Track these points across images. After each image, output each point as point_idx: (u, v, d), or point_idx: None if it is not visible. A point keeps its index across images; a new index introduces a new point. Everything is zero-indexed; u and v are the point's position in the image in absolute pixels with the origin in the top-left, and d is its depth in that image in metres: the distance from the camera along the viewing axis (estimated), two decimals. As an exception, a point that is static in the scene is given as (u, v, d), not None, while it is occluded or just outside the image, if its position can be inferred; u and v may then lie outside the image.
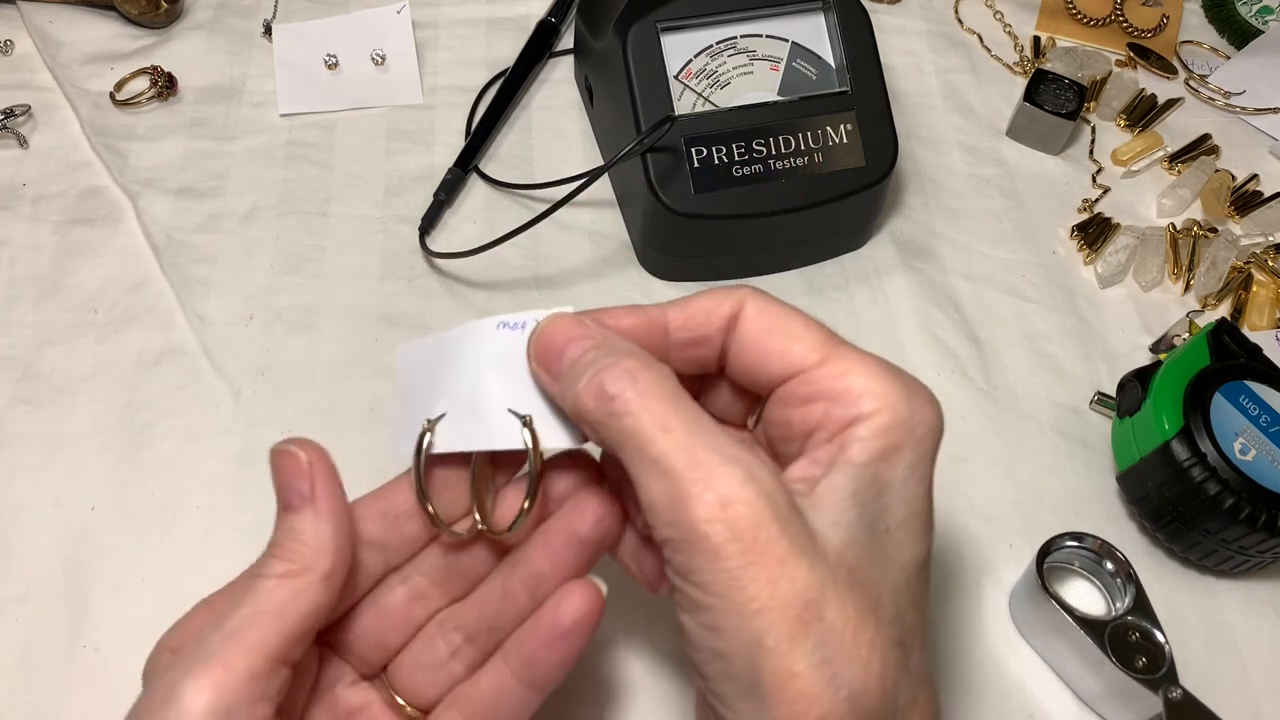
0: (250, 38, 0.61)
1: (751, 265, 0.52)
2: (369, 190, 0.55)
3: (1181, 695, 0.37)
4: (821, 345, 0.29)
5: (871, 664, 0.26)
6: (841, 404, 0.28)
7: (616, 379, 0.27)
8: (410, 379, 0.33)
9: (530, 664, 0.30)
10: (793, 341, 0.29)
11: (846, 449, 0.28)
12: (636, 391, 0.27)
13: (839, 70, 0.51)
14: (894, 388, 0.28)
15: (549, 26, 0.61)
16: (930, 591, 0.29)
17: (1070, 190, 0.58)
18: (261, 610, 0.28)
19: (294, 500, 0.29)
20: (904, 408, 0.28)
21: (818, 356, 0.29)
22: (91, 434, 0.45)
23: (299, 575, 0.28)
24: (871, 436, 0.28)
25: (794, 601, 0.25)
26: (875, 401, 0.28)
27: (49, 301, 0.49)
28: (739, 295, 0.30)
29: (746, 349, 0.30)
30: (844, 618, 0.26)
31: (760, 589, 0.25)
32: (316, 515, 0.29)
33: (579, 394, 0.28)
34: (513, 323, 0.31)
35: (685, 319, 0.31)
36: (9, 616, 0.40)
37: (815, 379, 0.29)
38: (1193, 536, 0.42)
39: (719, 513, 0.25)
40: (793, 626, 0.25)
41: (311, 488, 0.29)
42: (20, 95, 0.57)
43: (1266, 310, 0.53)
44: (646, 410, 0.27)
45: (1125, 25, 0.66)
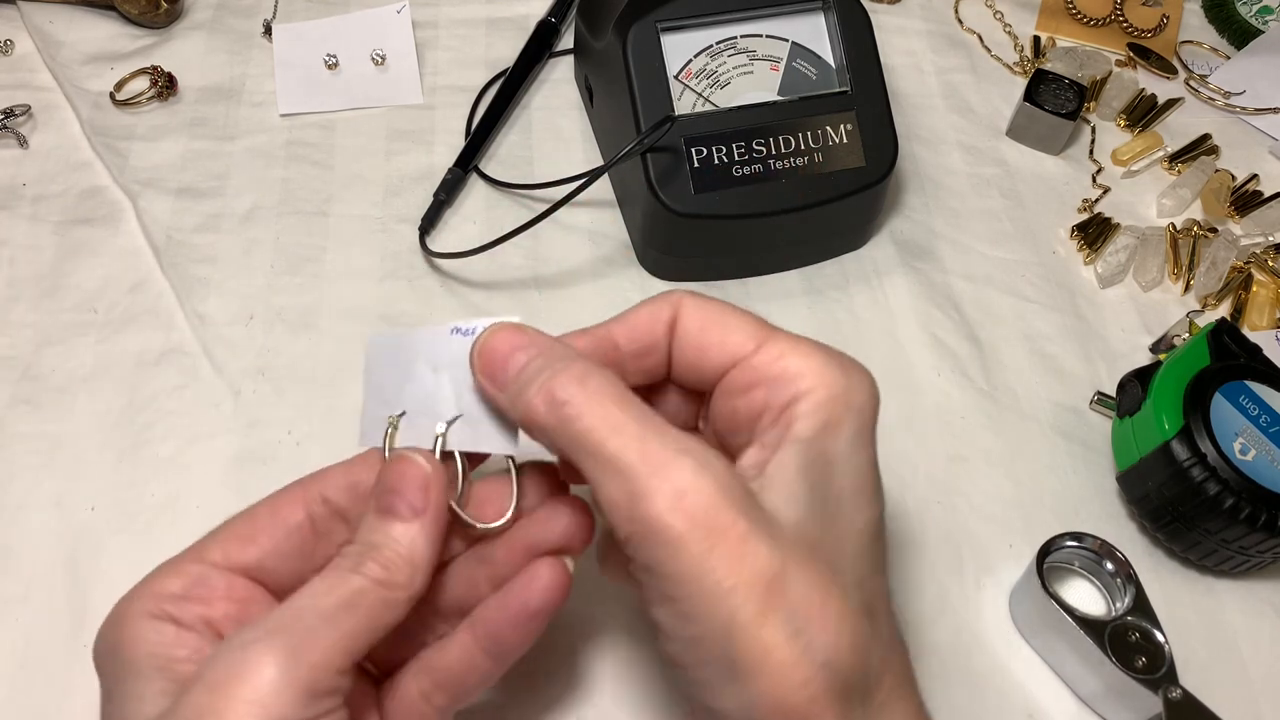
0: (250, 38, 0.61)
1: (751, 265, 0.52)
2: (369, 190, 0.55)
3: (1181, 695, 0.37)
4: (756, 333, 0.30)
5: (842, 631, 0.27)
6: (780, 385, 0.29)
7: (565, 384, 0.28)
8: (377, 371, 0.34)
9: (497, 639, 0.31)
10: (729, 332, 0.31)
11: (791, 427, 0.29)
12: (586, 395, 0.28)
13: (839, 70, 0.51)
14: (828, 365, 0.30)
15: (549, 26, 0.61)
16: (886, 556, 0.31)
17: (1070, 190, 0.58)
18: (358, 607, 0.28)
19: (402, 510, 0.30)
20: (840, 382, 0.30)
21: (753, 344, 0.30)
22: (91, 434, 0.45)
23: (397, 588, 0.29)
24: (812, 412, 0.29)
25: (760, 578, 0.26)
26: (811, 379, 0.29)
27: (49, 301, 0.49)
28: (674, 298, 0.32)
29: (687, 346, 0.31)
30: (809, 589, 0.26)
31: (726, 571, 0.26)
32: (425, 534, 0.29)
33: (530, 402, 0.28)
34: (465, 328, 0.31)
35: (630, 331, 0.32)
36: (9, 616, 0.40)
37: (753, 365, 0.30)
38: (1193, 536, 0.42)
39: (676, 503, 0.26)
40: (762, 602, 0.26)
41: (426, 503, 0.30)
42: (20, 95, 0.57)
43: (1266, 310, 0.53)
44: (597, 412, 0.28)
45: (1125, 25, 0.66)
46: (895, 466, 0.46)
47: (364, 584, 0.28)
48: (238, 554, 0.30)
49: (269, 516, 0.31)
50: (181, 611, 0.29)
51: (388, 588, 0.29)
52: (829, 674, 0.26)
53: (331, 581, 0.29)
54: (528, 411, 0.29)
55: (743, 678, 0.26)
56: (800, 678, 0.26)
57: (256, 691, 0.26)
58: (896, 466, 0.46)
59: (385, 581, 0.29)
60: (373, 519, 0.30)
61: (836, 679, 0.26)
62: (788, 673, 0.26)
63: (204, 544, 0.31)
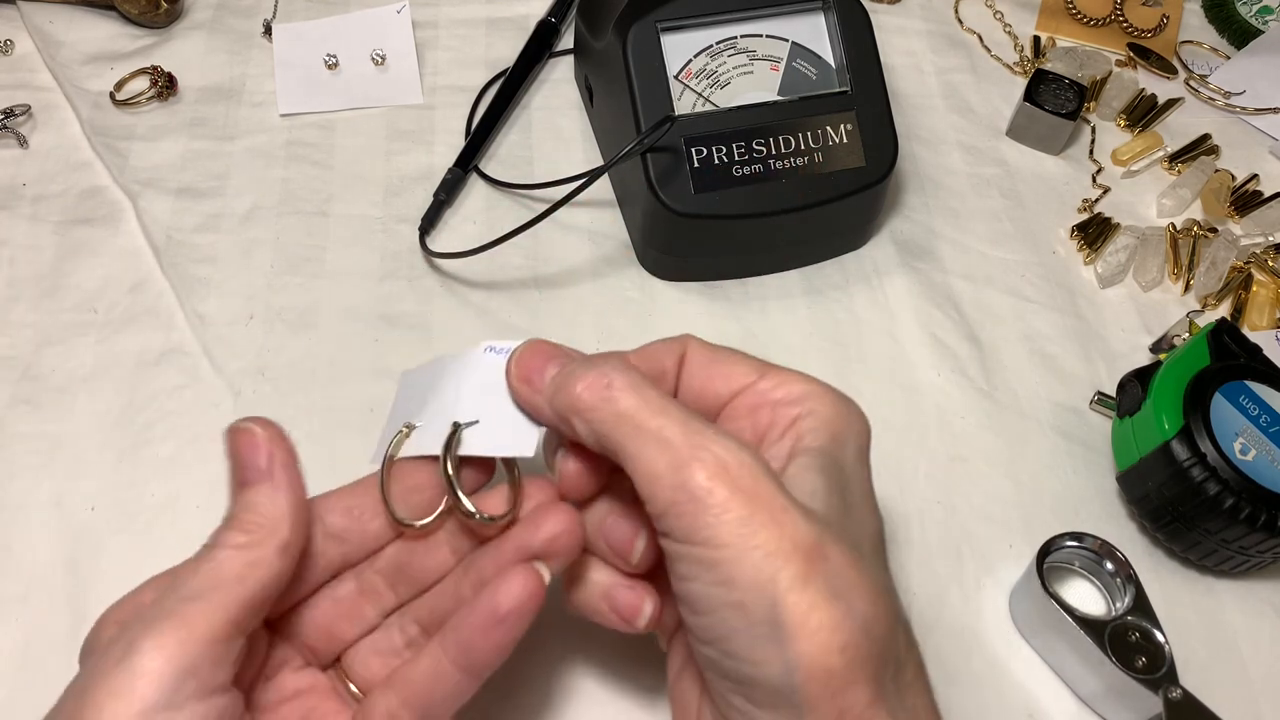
0: (250, 38, 0.61)
1: (751, 265, 0.52)
2: (369, 190, 0.55)
3: (1181, 695, 0.37)
4: (758, 367, 0.33)
5: (875, 601, 0.28)
6: (786, 405, 0.32)
7: (609, 372, 0.30)
8: (403, 400, 0.35)
9: (466, 649, 0.30)
10: (734, 365, 0.34)
11: (801, 439, 0.31)
12: (629, 381, 0.30)
13: (839, 70, 0.51)
14: (825, 390, 0.32)
15: (549, 26, 0.61)
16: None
17: (1070, 190, 0.58)
18: (222, 577, 0.29)
19: (251, 475, 0.31)
20: (840, 404, 0.32)
21: (756, 374, 0.33)
22: (91, 434, 0.45)
23: (258, 545, 0.30)
24: (820, 426, 0.31)
25: (800, 545, 0.27)
26: (814, 401, 0.32)
27: (49, 301, 0.49)
28: (684, 337, 0.35)
29: (696, 377, 0.34)
30: (845, 562, 0.28)
31: (768, 535, 0.27)
32: (274, 488, 0.31)
33: (574, 391, 0.30)
34: (499, 347, 0.34)
35: (645, 359, 0.34)
36: (9, 616, 0.40)
37: (758, 391, 0.33)
38: (1193, 536, 0.42)
39: (720, 471, 0.28)
40: (804, 566, 0.27)
41: (269, 463, 0.31)
42: (20, 95, 0.57)
43: (1266, 310, 0.53)
44: (641, 394, 0.30)
45: (1125, 25, 0.66)
46: (895, 466, 0.46)
47: (226, 552, 0.29)
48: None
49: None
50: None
51: (252, 546, 0.29)
52: (869, 641, 0.27)
53: (197, 564, 0.29)
54: (571, 400, 0.30)
55: (784, 639, 0.27)
56: (841, 640, 0.27)
57: (138, 679, 0.26)
58: (896, 466, 0.46)
59: (247, 543, 0.30)
60: (232, 496, 0.31)
61: (875, 646, 0.27)
62: (830, 634, 0.27)
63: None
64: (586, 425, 0.30)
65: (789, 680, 0.27)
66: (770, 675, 0.27)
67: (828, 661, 0.26)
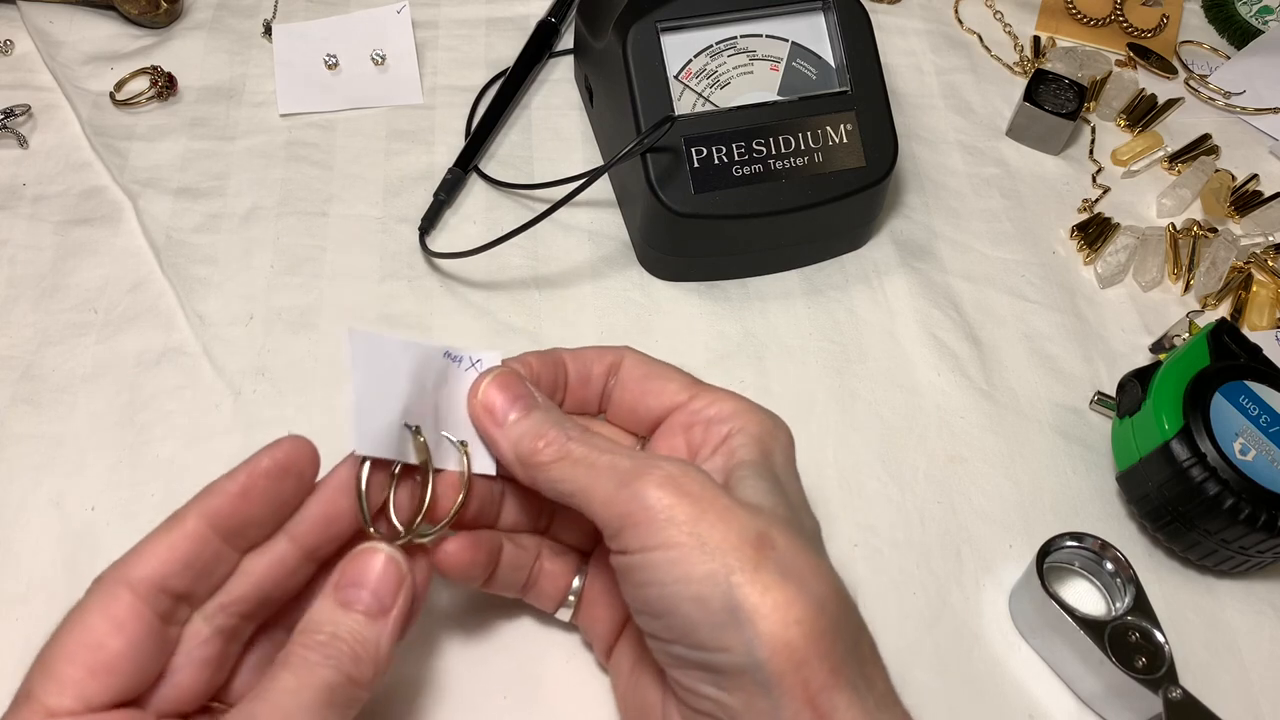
0: (250, 38, 0.61)
1: (751, 265, 0.52)
2: (369, 190, 0.55)
3: (1181, 695, 0.37)
4: (690, 385, 0.36)
5: (824, 580, 0.30)
6: (717, 423, 0.34)
7: (565, 429, 0.33)
8: (367, 370, 0.33)
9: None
10: (667, 383, 0.36)
11: (734, 454, 0.33)
12: (580, 433, 0.33)
13: (839, 70, 0.51)
14: (753, 408, 0.35)
15: (549, 26, 0.61)
16: None
17: (1070, 190, 0.58)
18: (337, 704, 0.28)
19: (374, 607, 0.30)
20: (766, 421, 0.35)
21: (688, 394, 0.35)
22: (91, 434, 0.45)
23: (362, 686, 0.29)
24: (749, 443, 0.34)
25: (748, 536, 0.29)
26: (743, 418, 0.34)
27: (49, 301, 0.49)
28: (620, 350, 0.37)
29: (628, 392, 0.36)
30: (792, 548, 0.30)
31: (717, 533, 0.29)
32: (391, 633, 0.30)
33: (536, 447, 0.32)
34: (456, 355, 0.35)
35: (576, 360, 0.37)
36: (9, 616, 0.40)
37: (690, 410, 0.35)
38: (1193, 536, 0.42)
39: (667, 481, 0.30)
40: (754, 554, 0.29)
41: (394, 602, 0.31)
42: (20, 95, 0.57)
43: (1266, 310, 0.53)
44: (589, 442, 0.32)
45: (1125, 25, 0.66)
46: (895, 466, 0.46)
47: (338, 679, 0.29)
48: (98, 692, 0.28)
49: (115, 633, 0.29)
50: None
51: (356, 685, 0.29)
52: (824, 615, 0.29)
53: (305, 676, 0.28)
54: (533, 450, 0.32)
55: (744, 621, 0.28)
56: (797, 614, 0.28)
57: None
58: (896, 466, 0.46)
59: (356, 678, 0.29)
60: (334, 609, 0.30)
61: (830, 620, 0.29)
62: (787, 607, 0.28)
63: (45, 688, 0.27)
64: (547, 474, 0.32)
65: (753, 659, 0.28)
66: (736, 659, 0.28)
67: (787, 636, 0.28)
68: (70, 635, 0.28)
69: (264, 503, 0.31)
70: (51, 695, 0.27)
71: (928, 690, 0.40)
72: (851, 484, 0.46)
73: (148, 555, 0.30)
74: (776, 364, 0.49)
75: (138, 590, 0.29)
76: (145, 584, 0.29)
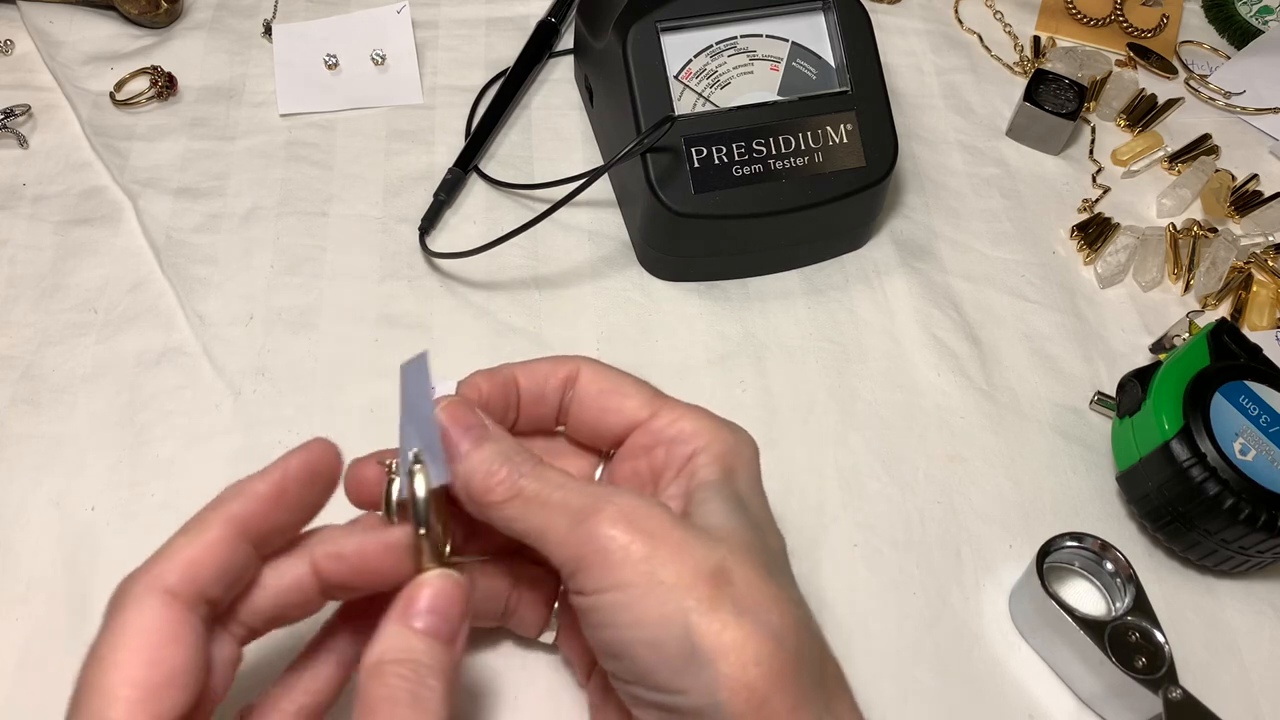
0: (250, 38, 0.61)
1: (751, 265, 0.52)
2: (369, 190, 0.55)
3: (1181, 695, 0.37)
4: (651, 400, 0.34)
5: (785, 613, 0.29)
6: (680, 443, 0.33)
7: (520, 464, 0.31)
8: (407, 395, 0.33)
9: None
10: (626, 399, 0.34)
11: (696, 475, 0.32)
12: (533, 469, 0.31)
13: (839, 70, 0.51)
14: (716, 425, 0.34)
15: (549, 26, 0.61)
16: None
17: (1070, 190, 0.58)
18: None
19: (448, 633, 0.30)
20: (729, 437, 0.33)
21: (650, 410, 0.34)
22: (91, 434, 0.45)
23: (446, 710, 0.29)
24: (712, 462, 0.33)
25: (703, 573, 0.29)
26: (706, 436, 0.33)
27: (49, 301, 0.49)
28: (576, 360, 0.35)
29: (586, 408, 0.35)
30: (748, 580, 0.29)
31: (670, 570, 0.29)
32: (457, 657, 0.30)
33: (488, 485, 0.31)
34: (412, 368, 0.33)
35: (529, 376, 0.35)
36: (9, 616, 0.40)
37: (652, 429, 0.34)
38: (1193, 536, 0.42)
39: (620, 518, 0.29)
40: (709, 592, 0.28)
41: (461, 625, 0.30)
42: (20, 95, 0.57)
43: (1266, 310, 0.53)
44: (543, 478, 0.31)
45: (1125, 25, 0.66)
46: (895, 466, 0.46)
47: (441, 711, 0.28)
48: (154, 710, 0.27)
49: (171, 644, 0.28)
50: None
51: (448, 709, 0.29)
52: (783, 651, 0.28)
53: (407, 710, 0.27)
54: (485, 489, 0.31)
55: (702, 663, 0.28)
56: (754, 653, 0.28)
57: None
58: (896, 466, 0.46)
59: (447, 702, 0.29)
60: (414, 639, 0.29)
61: (789, 655, 0.28)
62: (743, 649, 0.28)
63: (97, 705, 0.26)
64: (500, 513, 0.31)
65: (713, 700, 0.28)
66: (695, 701, 0.28)
67: (746, 677, 0.28)
68: (120, 652, 0.26)
69: (294, 507, 0.31)
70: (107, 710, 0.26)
71: (928, 690, 0.40)
72: (851, 484, 0.46)
73: (181, 561, 0.28)
74: (776, 364, 0.49)
75: (181, 598, 0.27)
76: (188, 591, 0.27)
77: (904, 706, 0.40)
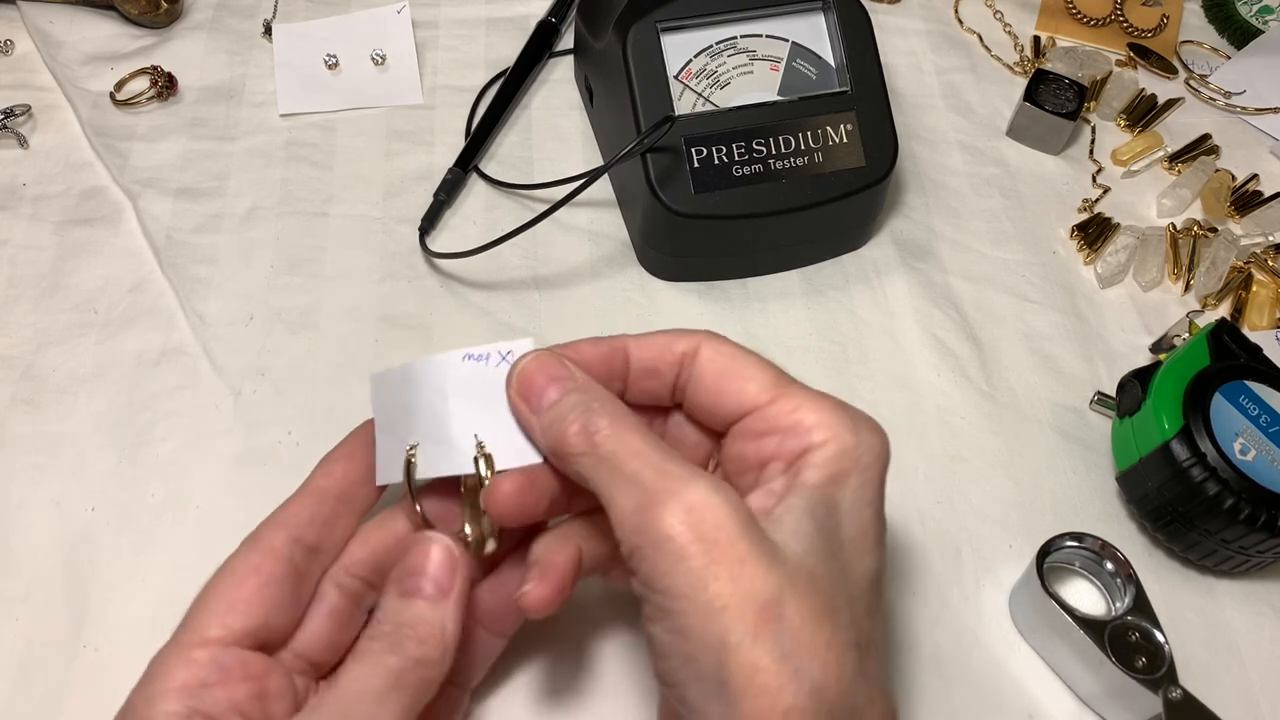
0: (250, 38, 0.61)
1: (751, 265, 0.52)
2: (369, 190, 0.55)
3: (1181, 695, 0.37)
4: (773, 385, 0.32)
5: (829, 662, 0.27)
6: (794, 436, 0.31)
7: (598, 416, 0.30)
8: (384, 407, 0.34)
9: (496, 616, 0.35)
10: (747, 381, 0.32)
11: (800, 475, 0.30)
12: (615, 427, 0.30)
13: (839, 70, 0.51)
14: (840, 420, 0.31)
15: (549, 26, 0.61)
16: (883, 604, 0.31)
17: (1070, 190, 0.58)
18: (403, 688, 0.29)
19: (432, 591, 0.31)
20: (850, 438, 0.30)
21: (769, 395, 0.31)
22: (91, 434, 0.45)
23: (433, 665, 0.30)
24: (822, 464, 0.30)
25: (754, 600, 0.27)
26: (824, 433, 0.30)
27: (49, 301, 0.49)
28: (698, 336, 0.33)
29: (704, 388, 0.33)
30: (802, 618, 0.27)
31: (722, 587, 0.27)
32: (454, 614, 0.31)
33: (565, 429, 0.30)
34: (478, 354, 0.33)
35: (643, 349, 0.33)
36: (9, 616, 0.40)
37: (768, 415, 0.31)
38: (1193, 536, 0.42)
39: (684, 515, 0.27)
40: (755, 624, 0.26)
41: (453, 583, 0.31)
42: (20, 95, 0.57)
43: (1266, 310, 0.53)
44: (623, 439, 0.29)
45: (1125, 25, 0.66)
46: (895, 466, 0.46)
47: (404, 664, 0.29)
48: (239, 624, 0.30)
49: (253, 575, 0.31)
50: (208, 703, 0.29)
51: (425, 665, 0.30)
52: (814, 701, 0.26)
53: (370, 666, 0.29)
54: (561, 437, 0.30)
55: (730, 698, 0.26)
56: (785, 704, 0.26)
57: None
58: (896, 466, 0.46)
59: (423, 660, 0.30)
60: (396, 600, 0.31)
61: (822, 707, 0.26)
62: (774, 696, 0.26)
63: (198, 620, 0.31)
64: (575, 467, 0.30)
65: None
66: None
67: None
68: (219, 577, 0.31)
69: (366, 462, 0.34)
70: (202, 623, 0.30)
71: (928, 690, 0.40)
72: (851, 484, 0.46)
73: (282, 514, 0.33)
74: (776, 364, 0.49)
75: (273, 542, 0.32)
76: (280, 536, 0.32)
77: (904, 707, 0.40)
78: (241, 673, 0.30)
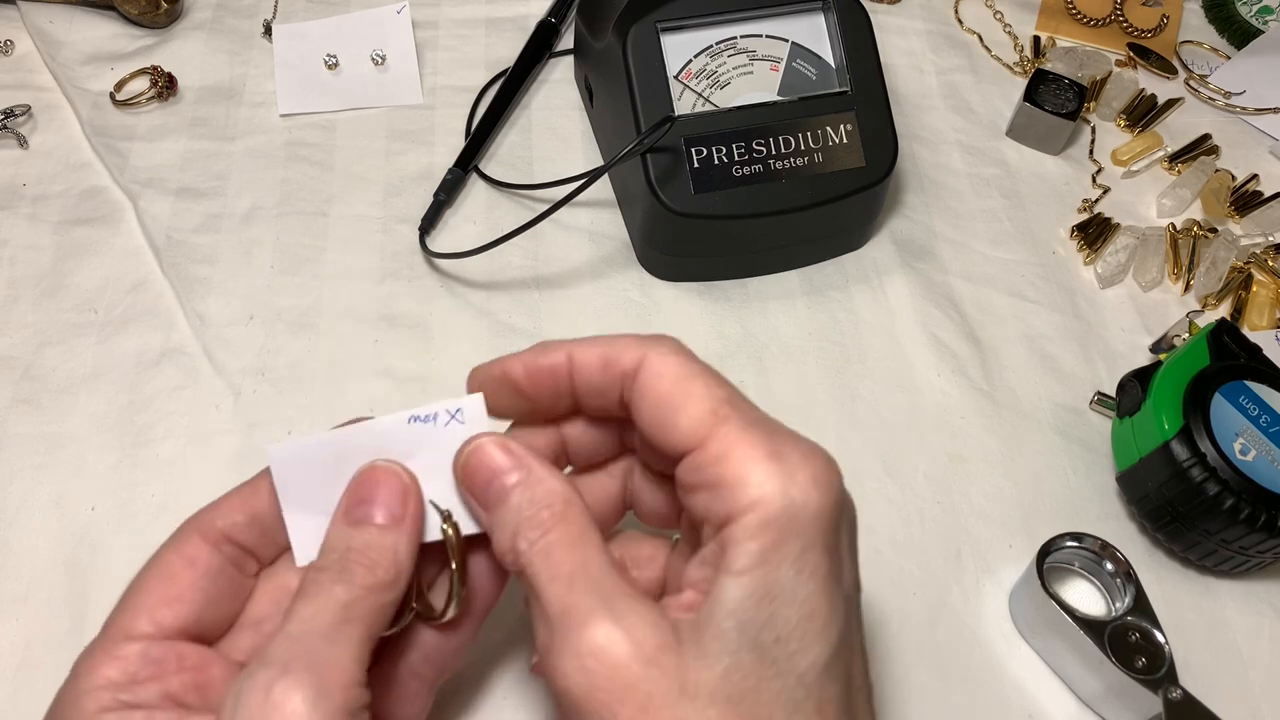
0: (250, 38, 0.61)
1: (751, 265, 0.52)
2: (369, 190, 0.55)
3: (1181, 695, 0.37)
4: (706, 419, 0.27)
5: None
6: (719, 496, 0.26)
7: (527, 533, 0.28)
8: (296, 483, 0.31)
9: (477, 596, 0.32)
10: (680, 415, 0.27)
11: (726, 553, 0.26)
12: (541, 547, 0.27)
13: (839, 70, 0.51)
14: (770, 473, 0.26)
15: (549, 26, 0.61)
16: (865, 679, 0.28)
17: (1070, 190, 0.58)
18: (354, 619, 0.28)
19: (382, 518, 0.29)
20: (779, 499, 0.25)
21: (700, 435, 0.27)
22: (91, 434, 0.45)
23: (384, 589, 0.28)
24: (748, 538, 0.25)
25: None
26: (751, 493, 0.26)
27: (49, 301, 0.49)
28: (643, 348, 0.29)
29: (643, 419, 0.28)
30: None
31: None
32: (407, 540, 0.29)
33: (500, 541, 0.29)
34: (424, 415, 0.31)
35: (585, 365, 0.30)
36: (9, 616, 0.40)
37: (697, 464, 0.27)
38: (1193, 536, 0.42)
39: (583, 663, 0.25)
40: None
41: (405, 511, 0.30)
42: (20, 95, 0.57)
43: (1266, 310, 0.53)
44: (547, 557, 0.27)
45: (1125, 25, 0.66)
46: (895, 467, 0.46)
47: (353, 592, 0.28)
48: (170, 618, 0.29)
49: (186, 568, 0.30)
50: (140, 696, 0.28)
51: (376, 591, 0.28)
52: None
53: (320, 601, 0.28)
54: (497, 545, 0.29)
55: None
56: None
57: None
58: (896, 467, 0.46)
59: (374, 585, 0.28)
60: (344, 528, 0.29)
61: None
62: None
63: (125, 616, 0.29)
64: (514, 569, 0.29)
65: None
66: None
67: None
68: (147, 571, 0.30)
69: None
70: (128, 620, 0.29)
71: (928, 690, 0.40)
72: (851, 484, 0.45)
73: (219, 507, 0.31)
74: (776, 364, 0.49)
75: (206, 536, 0.30)
76: (214, 531, 0.30)
77: (904, 707, 0.40)
78: (176, 664, 0.28)
